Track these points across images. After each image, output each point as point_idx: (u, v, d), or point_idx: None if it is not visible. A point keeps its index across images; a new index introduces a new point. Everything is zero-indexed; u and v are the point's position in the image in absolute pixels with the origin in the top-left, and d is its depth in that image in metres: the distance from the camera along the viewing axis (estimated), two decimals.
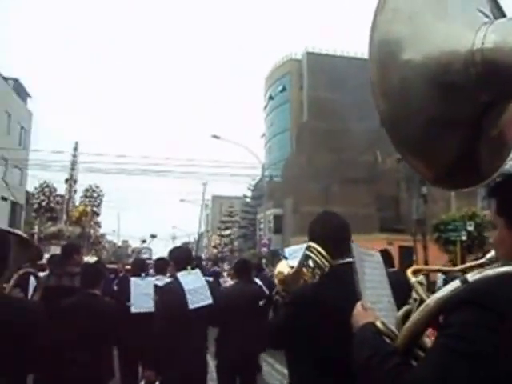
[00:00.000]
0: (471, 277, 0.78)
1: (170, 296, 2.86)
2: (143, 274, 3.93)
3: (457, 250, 12.43)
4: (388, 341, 0.90)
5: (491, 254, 0.95)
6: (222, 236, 40.18)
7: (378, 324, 0.95)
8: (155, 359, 2.85)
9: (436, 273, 6.90)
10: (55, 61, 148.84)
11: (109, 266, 6.23)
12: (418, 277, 0.95)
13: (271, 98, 36.85)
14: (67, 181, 22.69)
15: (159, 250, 35.13)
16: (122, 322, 3.11)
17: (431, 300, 0.80)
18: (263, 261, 15.03)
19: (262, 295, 3.65)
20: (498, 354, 0.68)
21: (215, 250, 39.84)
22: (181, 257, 3.08)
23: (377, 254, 1.36)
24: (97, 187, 24.36)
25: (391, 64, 0.86)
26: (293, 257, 2.28)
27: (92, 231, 23.51)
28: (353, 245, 1.23)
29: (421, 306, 0.81)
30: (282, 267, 2.33)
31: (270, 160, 34.97)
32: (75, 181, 23.04)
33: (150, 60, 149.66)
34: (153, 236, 36.39)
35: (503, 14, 0.97)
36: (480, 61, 0.78)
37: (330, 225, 1.70)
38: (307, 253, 1.70)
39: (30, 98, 27.69)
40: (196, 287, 2.84)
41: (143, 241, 38.65)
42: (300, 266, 1.87)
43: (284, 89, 35.02)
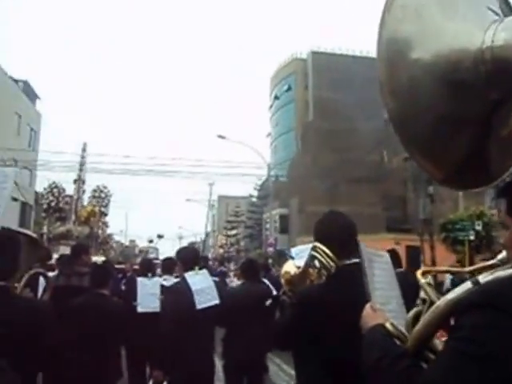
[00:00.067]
0: (483, 278, 0.77)
1: (178, 296, 2.87)
2: (150, 274, 3.96)
3: (465, 250, 12.29)
4: (398, 343, 0.90)
5: (502, 255, 0.93)
6: (228, 236, 40.26)
7: (388, 326, 0.94)
8: (163, 359, 2.87)
9: (444, 273, 6.83)
10: (57, 61, 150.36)
11: (117, 266, 6.27)
12: (427, 278, 0.94)
13: (276, 98, 36.81)
14: (75, 181, 22.92)
15: (166, 250, 35.35)
16: (130, 322, 3.13)
17: (442, 302, 0.79)
18: (269, 261, 15.03)
19: (269, 295, 3.65)
20: (510, 356, 0.67)
21: (221, 250, 39.93)
22: (188, 257, 3.09)
23: (385, 255, 1.35)
24: (104, 187, 24.56)
25: (400, 62, 0.85)
26: (299, 257, 2.28)
27: (100, 231, 23.71)
28: (361, 245, 1.22)
29: (431, 308, 0.80)
30: (289, 267, 2.33)
31: (276, 160, 34.94)
32: (83, 181, 23.26)
33: (156, 60, 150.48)
34: (160, 236, 36.62)
35: None
36: (490, 59, 0.77)
37: (336, 225, 1.69)
38: (313, 253, 1.69)
39: (39, 100, 28.05)
40: (203, 287, 2.85)
41: (150, 241, 38.94)
42: (306, 267, 1.87)
43: (289, 88, 34.96)
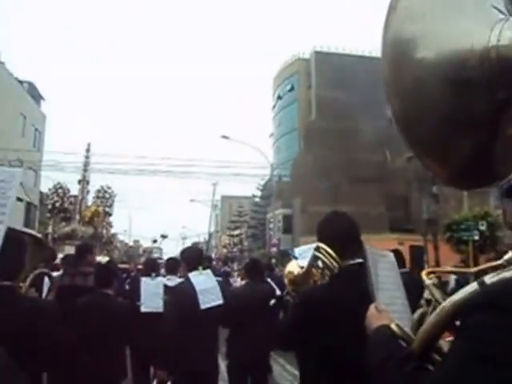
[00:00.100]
0: (489, 279, 0.76)
1: (182, 296, 2.88)
2: (153, 274, 3.97)
3: (469, 250, 12.22)
4: (403, 344, 0.89)
5: (509, 256, 0.93)
6: (232, 236, 40.27)
7: (393, 326, 0.93)
8: (167, 359, 2.87)
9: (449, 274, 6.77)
10: (61, 63, 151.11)
11: (121, 266, 6.30)
12: (432, 279, 0.93)
13: (279, 98, 36.77)
14: (80, 182, 23.01)
15: (169, 250, 35.45)
16: (134, 322, 3.14)
17: (448, 303, 0.78)
18: (273, 261, 15.03)
19: (273, 295, 3.65)
20: None
21: (225, 250, 39.95)
22: (192, 257, 3.10)
23: (390, 255, 1.34)
24: (109, 188, 24.62)
25: (405, 63, 0.84)
26: (302, 257, 2.28)
27: (104, 231, 23.78)
28: (366, 246, 1.22)
29: (437, 309, 0.80)
30: (292, 267, 2.33)
31: (279, 160, 34.91)
32: (88, 182, 23.34)
33: (160, 61, 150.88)
34: (163, 236, 36.72)
35: None
36: (495, 58, 0.76)
37: (339, 225, 1.69)
38: (316, 253, 1.69)
39: (44, 101, 28.22)
40: (207, 287, 2.85)
41: (154, 241, 39.03)
42: (309, 267, 1.87)
43: (292, 88, 34.91)
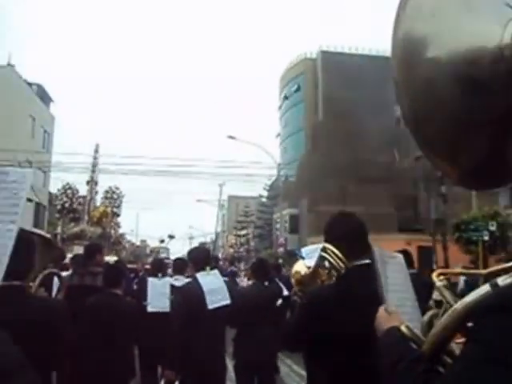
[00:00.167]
0: (502, 281, 0.75)
1: (190, 296, 2.89)
2: (160, 274, 3.99)
3: (478, 251, 12.07)
4: (413, 346, 0.88)
5: None
6: (239, 236, 40.33)
7: (403, 328, 0.92)
8: (174, 359, 2.88)
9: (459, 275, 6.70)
10: (70, 65, 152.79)
11: (128, 266, 6.35)
12: (443, 280, 0.92)
13: (286, 98, 36.70)
14: (88, 182, 23.24)
15: (176, 250, 35.60)
16: (143, 322, 3.16)
17: (460, 305, 0.77)
18: (279, 261, 15.01)
19: (280, 295, 3.65)
20: None
21: (231, 250, 40.03)
22: (199, 257, 3.11)
23: (399, 256, 1.33)
24: (117, 188, 24.82)
25: (415, 63, 0.83)
26: (309, 257, 2.28)
27: (112, 231, 23.98)
28: (374, 248, 1.21)
29: (448, 311, 0.79)
30: (299, 267, 2.33)
31: (285, 160, 34.85)
32: (96, 182, 23.56)
33: (168, 62, 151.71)
34: (171, 236, 36.89)
35: None
36: (510, 56, 0.75)
37: (346, 226, 1.68)
38: (322, 254, 1.68)
39: (53, 103, 28.56)
40: (215, 287, 2.86)
41: (161, 241, 39.22)
42: (316, 267, 1.86)
43: (299, 88, 34.82)
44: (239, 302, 3.08)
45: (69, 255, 5.68)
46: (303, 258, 2.44)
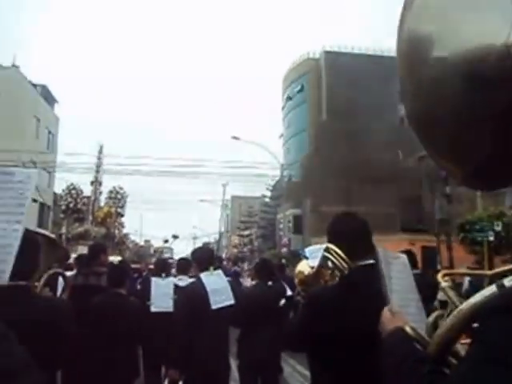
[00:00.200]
0: (508, 282, 0.74)
1: (193, 296, 2.90)
2: (163, 274, 4.00)
3: (483, 251, 11.99)
4: (418, 346, 0.88)
5: None
6: (242, 236, 40.36)
7: (408, 329, 0.92)
8: (178, 359, 2.89)
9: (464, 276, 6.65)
10: (74, 66, 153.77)
11: (132, 266, 6.37)
12: (448, 281, 0.92)
13: (289, 99, 36.66)
14: (92, 183, 23.37)
15: (180, 250, 35.70)
16: (147, 322, 3.17)
17: (465, 305, 0.77)
18: (283, 261, 15.01)
19: (283, 295, 3.64)
20: None
21: (235, 250, 40.06)
22: (203, 257, 3.12)
23: (403, 256, 1.33)
24: (121, 188, 24.93)
25: (421, 62, 0.82)
26: (313, 257, 2.27)
27: (116, 232, 24.09)
28: (378, 248, 1.21)
29: (454, 312, 0.78)
30: (303, 267, 2.32)
31: (289, 160, 34.81)
32: (100, 183, 23.70)
33: (170, 62, 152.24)
34: (175, 236, 36.94)
35: None
36: None
37: (349, 226, 1.68)
38: (325, 254, 1.68)
39: (57, 104, 28.74)
40: (219, 288, 2.87)
41: (165, 241, 39.33)
42: (319, 267, 1.86)
43: (302, 89, 34.76)
44: (243, 302, 3.09)
45: (73, 255, 5.71)
46: (307, 258, 2.43)
